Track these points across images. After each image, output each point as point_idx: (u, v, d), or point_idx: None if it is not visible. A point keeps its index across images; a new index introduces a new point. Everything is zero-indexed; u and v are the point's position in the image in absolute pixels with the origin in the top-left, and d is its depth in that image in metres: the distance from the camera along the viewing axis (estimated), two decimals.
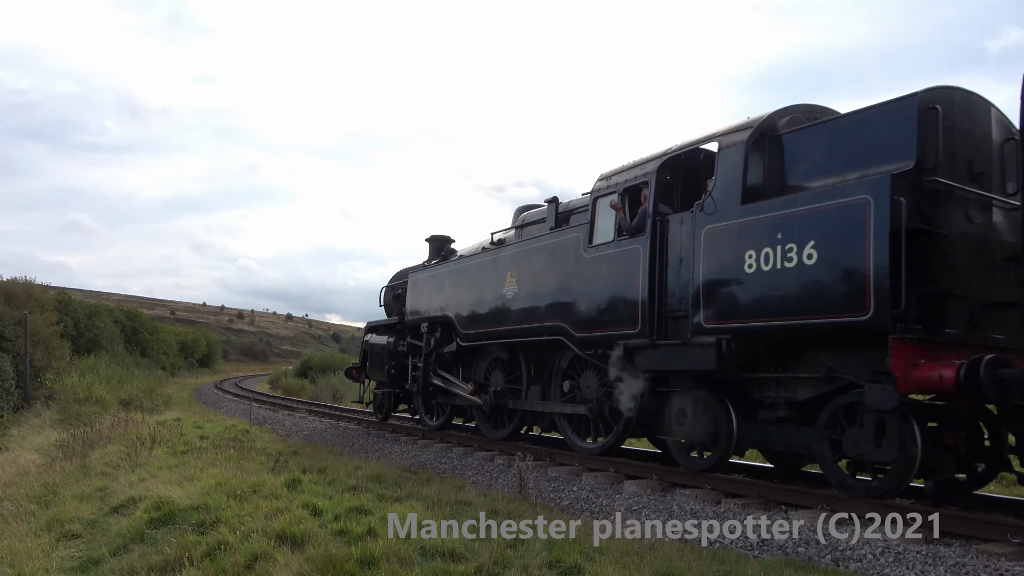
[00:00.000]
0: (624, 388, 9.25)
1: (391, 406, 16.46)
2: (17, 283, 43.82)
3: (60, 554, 7.33)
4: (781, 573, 5.54)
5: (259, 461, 11.02)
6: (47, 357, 37.79)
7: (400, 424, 16.24)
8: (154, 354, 65.11)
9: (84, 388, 26.14)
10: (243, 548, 6.12)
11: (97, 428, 16.19)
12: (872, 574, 5.81)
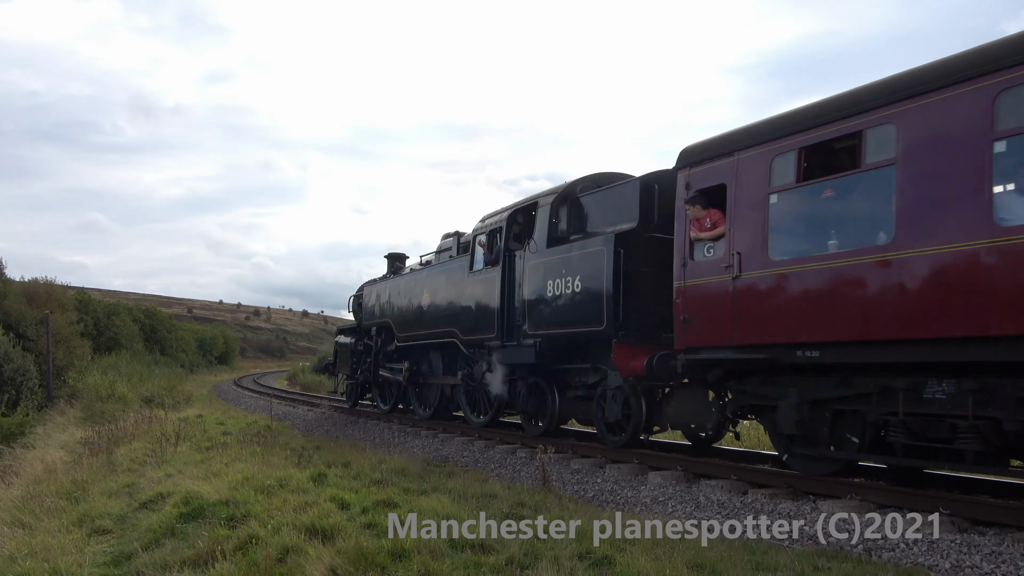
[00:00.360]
0: (493, 376, 12.46)
1: (358, 395, 19.66)
2: (38, 284, 44.38)
3: (92, 549, 7.41)
4: (814, 563, 5.50)
5: (283, 456, 11.09)
6: (69, 356, 38.27)
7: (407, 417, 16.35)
8: (173, 352, 65.77)
9: (106, 386, 26.44)
10: (274, 541, 6.16)
11: (121, 425, 16.38)
12: (906, 563, 5.75)
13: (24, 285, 43.18)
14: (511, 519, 6.86)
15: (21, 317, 37.48)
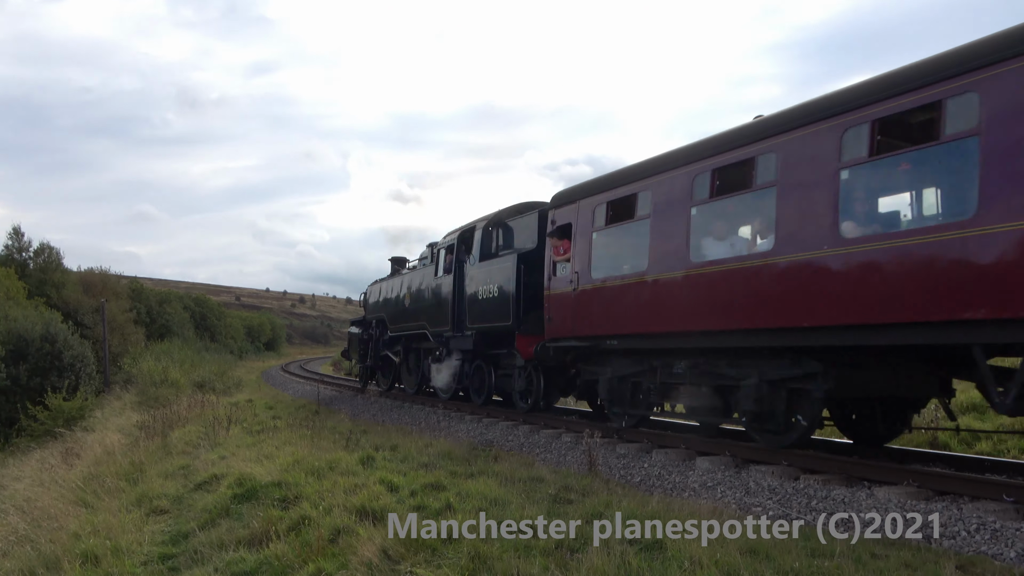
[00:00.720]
0: (451, 360, 15.80)
1: (367, 377, 22.37)
2: (94, 273, 45.85)
3: (151, 528, 7.65)
4: (871, 550, 5.37)
5: (332, 439, 11.28)
6: (123, 343, 39.49)
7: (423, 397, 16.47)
8: (222, 339, 67.35)
9: (160, 372, 27.23)
10: (325, 523, 6.26)
11: (175, 409, 16.86)
12: (968, 551, 5.58)
13: (81, 275, 44.69)
14: (559, 502, 6.87)
15: (78, 306, 38.81)
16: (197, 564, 6.15)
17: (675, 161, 9.70)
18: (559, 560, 5.17)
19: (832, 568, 4.79)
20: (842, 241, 7.37)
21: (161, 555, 6.64)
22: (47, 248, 42.57)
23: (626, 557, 4.97)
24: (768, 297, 8.10)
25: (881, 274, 7.02)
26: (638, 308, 9.88)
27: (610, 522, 5.67)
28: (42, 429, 21.37)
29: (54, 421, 21.07)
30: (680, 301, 9.28)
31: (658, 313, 9.61)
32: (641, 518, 5.96)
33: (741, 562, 4.86)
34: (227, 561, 5.95)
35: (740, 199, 8.94)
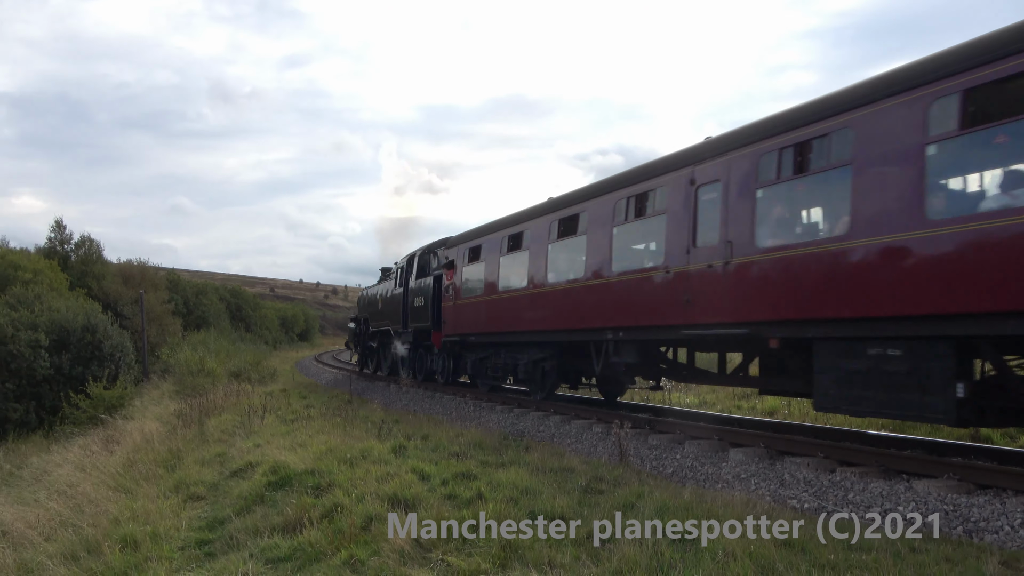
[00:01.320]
0: (405, 349, 21.44)
1: (363, 365, 28.30)
2: (132, 265, 46.76)
3: (188, 514, 7.78)
4: (911, 544, 5.26)
5: (364, 428, 11.37)
6: (161, 333, 40.26)
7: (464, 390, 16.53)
8: (257, 329, 68.34)
9: (197, 362, 27.69)
10: (358, 510, 6.31)
11: (211, 398, 17.13)
12: (1011, 547, 5.43)
13: (120, 267, 45.60)
14: (590, 492, 6.84)
15: (118, 297, 39.66)
16: (233, 550, 6.24)
17: (492, 228, 16.17)
18: (590, 550, 5.15)
19: (870, 561, 4.70)
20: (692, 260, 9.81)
21: (198, 540, 6.75)
22: (88, 241, 43.58)
23: (659, 548, 4.92)
24: (576, 306, 12.51)
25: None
26: (485, 316, 15.83)
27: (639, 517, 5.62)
28: (84, 416, 21.90)
29: (95, 409, 21.57)
30: (511, 312, 14.82)
31: (498, 320, 15.33)
32: (674, 510, 5.92)
33: (776, 555, 4.79)
34: (261, 547, 6.02)
35: (572, 241, 12.94)
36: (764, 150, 8.62)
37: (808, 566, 4.59)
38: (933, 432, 10.90)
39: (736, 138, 9.28)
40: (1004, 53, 6.42)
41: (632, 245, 11.75)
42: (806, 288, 7.98)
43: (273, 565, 5.66)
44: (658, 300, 10.27)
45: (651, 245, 11.11)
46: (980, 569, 4.69)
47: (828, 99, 8.10)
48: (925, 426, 11.21)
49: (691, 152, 10.05)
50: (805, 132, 8.12)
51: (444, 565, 5.05)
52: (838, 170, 7.78)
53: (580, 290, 12.26)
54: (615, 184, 11.72)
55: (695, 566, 4.65)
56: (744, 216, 8.87)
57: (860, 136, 7.49)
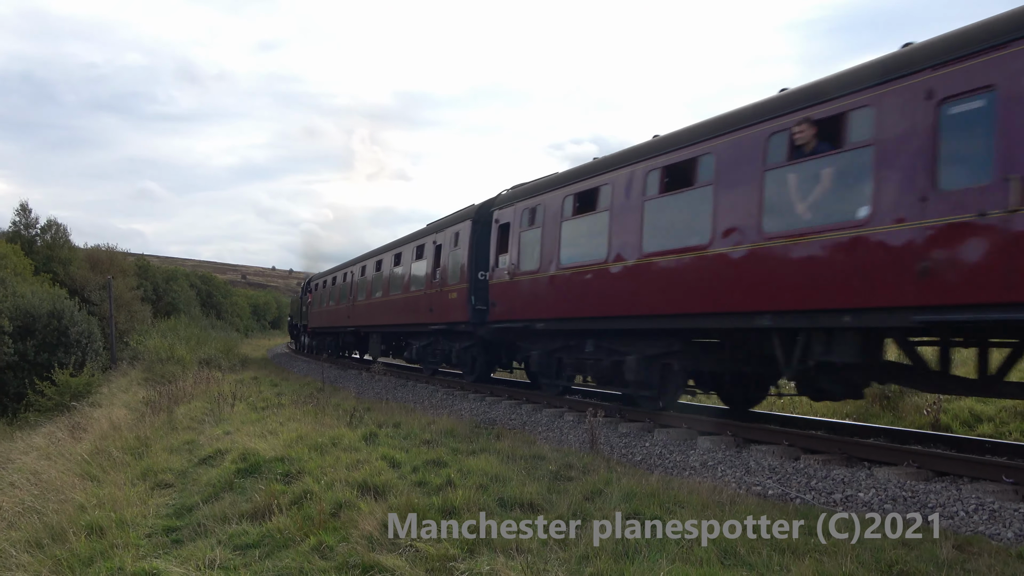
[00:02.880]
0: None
1: (299, 349, 41.00)
2: (101, 250, 45.99)
3: (156, 501, 7.72)
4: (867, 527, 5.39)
5: (335, 416, 11.34)
6: (130, 320, 39.69)
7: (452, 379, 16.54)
8: (229, 317, 67.58)
9: (166, 349, 27.35)
10: (327, 497, 6.31)
11: (181, 386, 16.95)
12: (965, 531, 5.60)
13: (88, 252, 44.81)
14: (559, 479, 6.91)
15: (85, 282, 38.99)
16: (200, 536, 6.21)
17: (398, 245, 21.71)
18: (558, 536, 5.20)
19: (829, 546, 4.82)
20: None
21: (165, 527, 6.71)
22: (54, 225, 42.74)
23: (624, 533, 5.00)
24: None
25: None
26: (378, 313, 22.44)
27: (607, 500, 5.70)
28: (50, 404, 21.56)
29: (61, 396, 21.24)
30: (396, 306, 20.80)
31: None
32: (640, 496, 6.01)
33: (739, 540, 4.89)
34: (230, 534, 6.01)
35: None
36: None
37: (769, 550, 4.70)
38: (896, 421, 11.17)
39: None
40: (799, 107, 7.96)
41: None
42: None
43: (241, 551, 5.65)
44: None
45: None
46: (935, 553, 4.83)
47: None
48: (888, 415, 11.49)
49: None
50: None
51: (413, 551, 5.08)
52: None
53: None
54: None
55: (660, 550, 4.74)
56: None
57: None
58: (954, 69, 6.52)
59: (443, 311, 16.69)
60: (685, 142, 9.64)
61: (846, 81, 7.67)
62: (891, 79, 7.10)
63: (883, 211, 6.97)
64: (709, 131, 9.30)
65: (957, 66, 6.50)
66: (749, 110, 8.87)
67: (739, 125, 8.79)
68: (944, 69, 6.60)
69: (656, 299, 9.86)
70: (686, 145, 9.60)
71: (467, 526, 5.17)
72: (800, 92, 8.29)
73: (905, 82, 6.94)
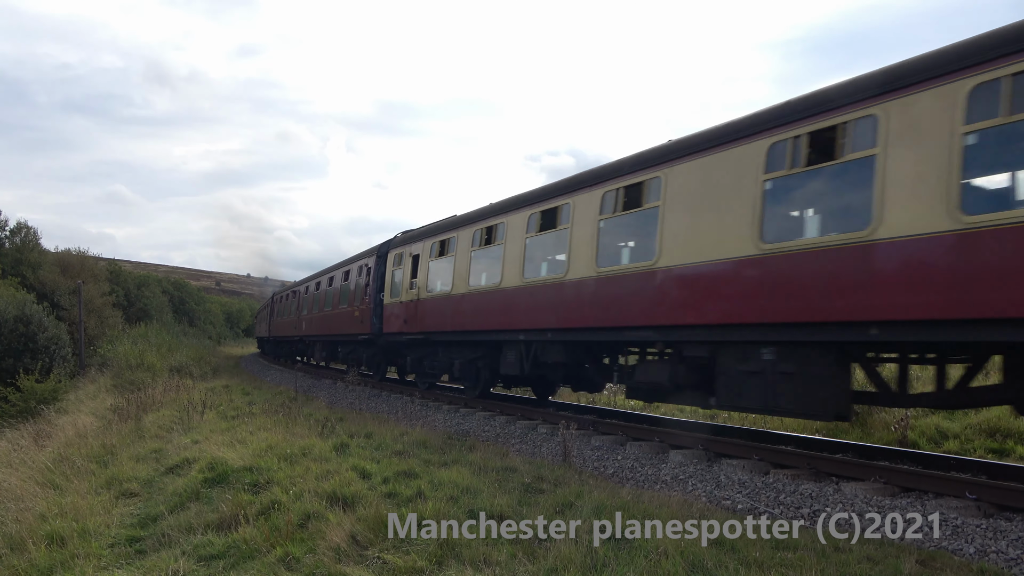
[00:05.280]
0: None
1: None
2: (71, 254, 45.22)
3: (120, 511, 7.59)
4: (835, 544, 5.44)
5: (307, 426, 11.22)
6: (100, 326, 39.02)
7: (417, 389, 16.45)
8: (201, 324, 66.75)
9: (136, 355, 26.93)
10: (296, 508, 6.25)
11: (150, 393, 16.69)
12: (928, 547, 5.67)
13: (58, 256, 44.04)
14: (530, 492, 6.89)
15: (55, 287, 38.30)
16: (164, 547, 6.11)
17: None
18: (527, 548, 5.19)
19: (795, 560, 4.86)
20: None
21: (129, 537, 6.59)
22: (24, 227, 41.96)
23: (593, 546, 5.00)
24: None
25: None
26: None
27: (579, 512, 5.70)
28: (14, 410, 21.09)
29: (26, 402, 20.80)
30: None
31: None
32: (611, 509, 6.01)
33: (706, 553, 4.91)
34: (195, 544, 5.92)
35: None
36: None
37: (736, 564, 4.73)
38: (864, 437, 11.30)
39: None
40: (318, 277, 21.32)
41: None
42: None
43: (205, 562, 5.56)
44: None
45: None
46: (899, 567, 4.88)
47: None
48: (857, 430, 11.63)
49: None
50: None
51: (380, 563, 5.04)
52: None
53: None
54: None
55: (628, 564, 4.74)
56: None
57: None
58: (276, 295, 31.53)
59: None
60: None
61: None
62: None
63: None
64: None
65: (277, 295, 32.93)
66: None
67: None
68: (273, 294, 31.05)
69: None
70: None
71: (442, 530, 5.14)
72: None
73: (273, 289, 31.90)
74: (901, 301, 6.56)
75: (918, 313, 6.44)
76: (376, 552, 5.21)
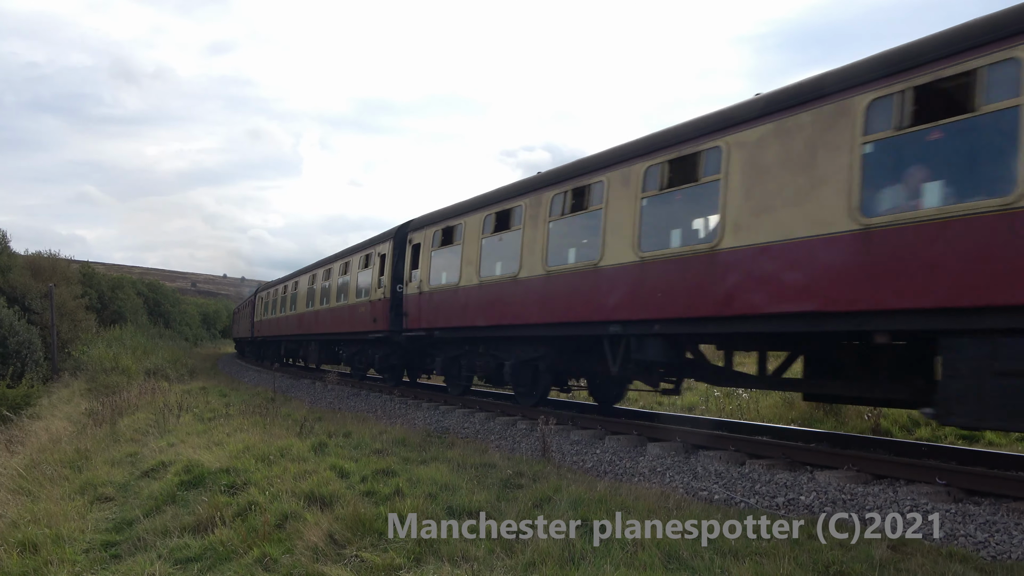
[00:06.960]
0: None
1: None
2: (42, 257, 44.42)
3: (95, 516, 7.50)
4: (809, 531, 5.52)
5: (285, 426, 11.16)
6: (74, 329, 38.39)
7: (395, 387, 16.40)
8: (177, 325, 65.97)
9: (111, 359, 26.57)
10: (273, 508, 6.21)
11: (125, 397, 16.48)
12: (900, 532, 5.77)
13: (29, 258, 43.23)
14: (509, 487, 6.92)
15: (26, 290, 37.59)
16: (140, 551, 6.06)
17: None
18: (505, 544, 5.21)
19: (769, 548, 4.92)
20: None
21: (103, 542, 6.52)
22: None
23: (570, 539, 5.03)
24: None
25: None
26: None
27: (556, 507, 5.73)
28: None
29: None
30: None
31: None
32: (588, 502, 6.05)
33: (682, 543, 4.97)
34: (171, 547, 5.87)
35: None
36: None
37: (711, 553, 4.78)
38: (838, 426, 11.47)
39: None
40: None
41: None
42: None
43: (182, 565, 5.53)
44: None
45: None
46: (870, 554, 4.97)
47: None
48: (831, 420, 11.79)
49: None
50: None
51: (358, 561, 5.04)
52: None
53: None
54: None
55: (605, 556, 4.78)
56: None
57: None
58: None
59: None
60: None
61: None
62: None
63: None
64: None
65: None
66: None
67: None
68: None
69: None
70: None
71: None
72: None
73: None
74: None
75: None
76: (354, 551, 5.20)
